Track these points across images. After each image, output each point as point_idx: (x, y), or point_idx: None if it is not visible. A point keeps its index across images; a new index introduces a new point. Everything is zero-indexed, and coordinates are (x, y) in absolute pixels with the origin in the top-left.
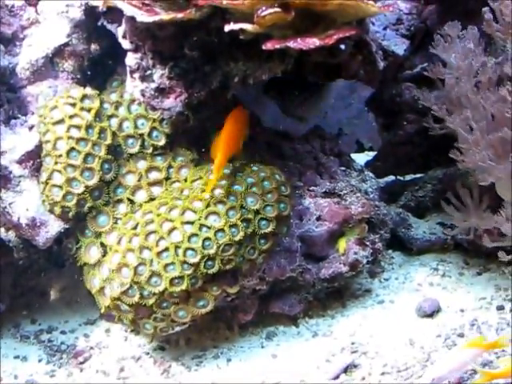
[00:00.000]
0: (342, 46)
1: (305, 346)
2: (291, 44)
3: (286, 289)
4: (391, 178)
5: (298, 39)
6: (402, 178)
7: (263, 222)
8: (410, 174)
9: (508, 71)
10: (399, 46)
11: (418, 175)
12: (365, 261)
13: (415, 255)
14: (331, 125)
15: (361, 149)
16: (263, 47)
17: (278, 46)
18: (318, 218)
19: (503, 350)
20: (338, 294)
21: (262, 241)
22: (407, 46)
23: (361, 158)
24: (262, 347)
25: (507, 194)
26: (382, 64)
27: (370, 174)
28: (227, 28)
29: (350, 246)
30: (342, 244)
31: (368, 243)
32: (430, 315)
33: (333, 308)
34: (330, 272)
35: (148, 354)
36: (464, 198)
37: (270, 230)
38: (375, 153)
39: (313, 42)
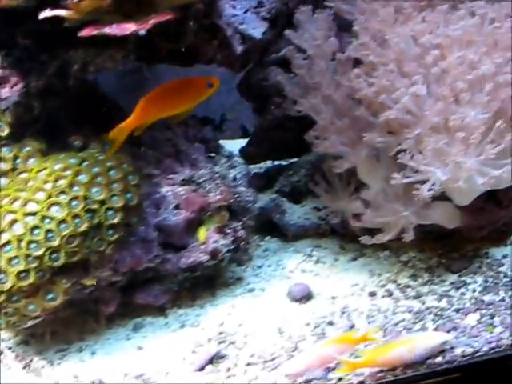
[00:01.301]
0: (142, 32)
1: (172, 337)
2: (107, 30)
3: (149, 279)
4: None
5: (114, 25)
6: (284, 163)
7: (110, 213)
8: (286, 159)
9: (355, 55)
10: (257, 30)
11: (295, 159)
12: (225, 249)
13: (291, 241)
14: (214, 110)
15: (246, 134)
16: (79, 34)
17: (94, 33)
18: (176, 207)
19: None
20: (208, 283)
21: (110, 231)
22: (266, 28)
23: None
24: (128, 339)
25: (367, 179)
26: (240, 48)
27: (239, 160)
28: (42, 15)
29: (210, 234)
30: (202, 232)
31: (229, 231)
32: (300, 300)
33: (202, 297)
34: (190, 261)
35: (10, 348)
36: (332, 179)
37: (117, 220)
38: None
39: (128, 27)
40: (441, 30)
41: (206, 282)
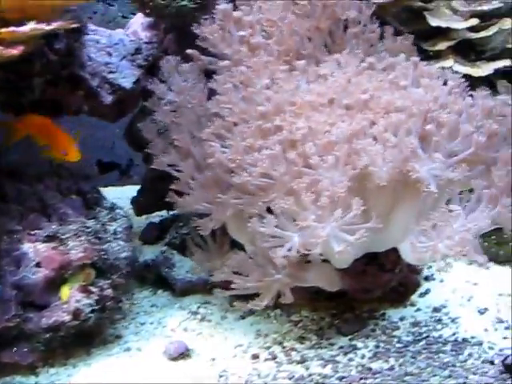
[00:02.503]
0: None
1: None
2: None
3: (14, 338)
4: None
5: None
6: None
7: None
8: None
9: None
10: (127, 79)
11: None
12: (89, 309)
13: (179, 296)
14: (120, 155)
15: None
16: None
17: None
18: (37, 265)
19: None
20: (85, 341)
21: None
22: (138, 77)
23: None
24: None
25: (238, 237)
26: (109, 98)
27: (121, 213)
28: None
29: (73, 293)
30: (65, 291)
31: (95, 290)
32: (177, 359)
33: (76, 356)
34: (52, 321)
35: None
36: (206, 237)
37: None
38: None
39: None
40: (302, 88)
41: (83, 340)
